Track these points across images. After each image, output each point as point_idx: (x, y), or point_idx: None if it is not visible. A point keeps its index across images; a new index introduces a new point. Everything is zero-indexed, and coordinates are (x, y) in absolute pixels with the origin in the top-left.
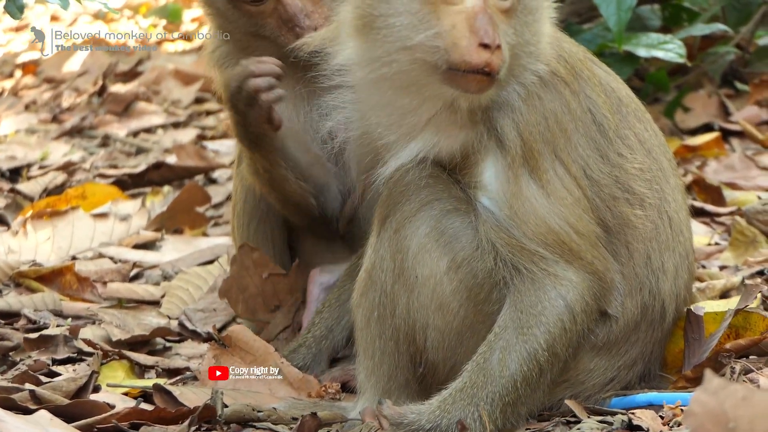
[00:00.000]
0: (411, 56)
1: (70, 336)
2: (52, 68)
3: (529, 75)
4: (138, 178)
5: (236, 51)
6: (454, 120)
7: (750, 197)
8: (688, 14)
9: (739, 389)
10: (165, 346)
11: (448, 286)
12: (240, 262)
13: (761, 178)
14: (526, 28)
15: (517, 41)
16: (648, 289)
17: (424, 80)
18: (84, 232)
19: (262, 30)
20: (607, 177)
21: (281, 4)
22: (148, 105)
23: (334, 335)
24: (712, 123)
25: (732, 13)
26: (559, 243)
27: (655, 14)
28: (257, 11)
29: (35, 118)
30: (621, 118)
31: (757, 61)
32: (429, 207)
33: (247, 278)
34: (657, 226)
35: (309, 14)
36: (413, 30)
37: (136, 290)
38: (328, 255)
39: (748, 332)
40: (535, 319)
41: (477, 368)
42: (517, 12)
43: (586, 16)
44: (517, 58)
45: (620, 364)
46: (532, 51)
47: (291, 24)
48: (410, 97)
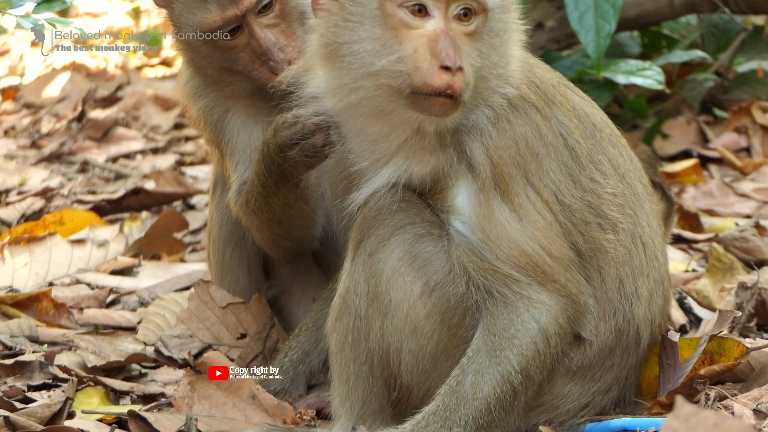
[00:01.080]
0: (376, 82)
1: (45, 362)
2: (32, 94)
3: (497, 98)
4: (116, 204)
5: (208, 84)
6: (424, 145)
7: (728, 224)
8: (667, 41)
9: (710, 416)
10: (141, 372)
11: (421, 309)
12: (198, 298)
13: (739, 204)
14: (492, 51)
15: (482, 63)
16: (622, 314)
17: (391, 106)
18: (61, 258)
19: (235, 65)
20: (579, 202)
21: (254, 39)
22: (128, 131)
23: (311, 359)
24: (690, 150)
25: (711, 40)
26: (533, 266)
27: (634, 41)
28: (230, 45)
29: (14, 144)
30: (594, 143)
31: (736, 88)
32: (402, 231)
33: (206, 311)
34: (630, 251)
35: (282, 48)
36: (376, 56)
37: (112, 316)
38: (305, 280)
39: (723, 358)
40: (509, 342)
41: (450, 391)
42: (483, 34)
43: (565, 43)
44: (483, 81)
45: (595, 389)
46: (500, 73)
47: (264, 58)
48: (380, 123)
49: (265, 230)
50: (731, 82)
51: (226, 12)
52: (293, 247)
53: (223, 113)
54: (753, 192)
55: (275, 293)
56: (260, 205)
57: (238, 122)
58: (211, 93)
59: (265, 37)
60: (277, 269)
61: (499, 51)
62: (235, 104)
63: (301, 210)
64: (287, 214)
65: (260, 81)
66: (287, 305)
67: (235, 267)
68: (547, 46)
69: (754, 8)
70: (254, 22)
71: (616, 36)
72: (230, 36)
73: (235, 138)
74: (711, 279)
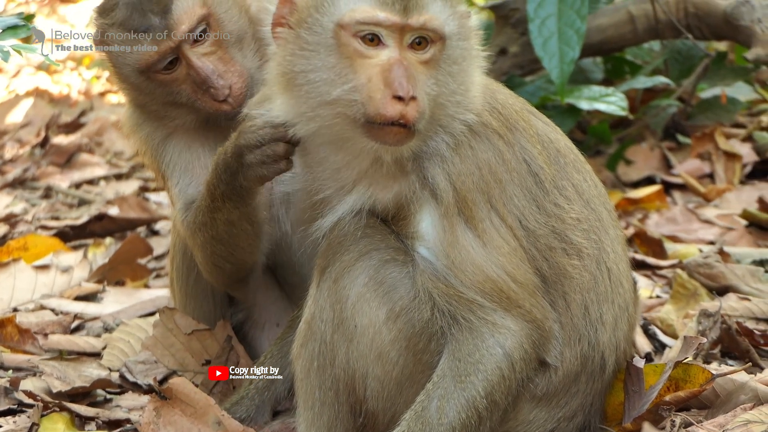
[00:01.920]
0: (332, 111)
1: (10, 387)
2: None
3: (457, 125)
4: (80, 230)
5: (152, 120)
6: (385, 172)
7: (691, 250)
8: (630, 67)
9: None
10: (106, 397)
11: (387, 335)
12: (163, 325)
13: (703, 231)
14: (450, 78)
15: (440, 91)
16: (587, 341)
17: (348, 134)
18: (25, 283)
19: (179, 97)
20: (544, 227)
21: (193, 69)
22: (91, 156)
23: (276, 386)
24: (654, 176)
25: (674, 66)
26: (497, 291)
27: (598, 67)
28: (170, 79)
29: None
30: (558, 169)
31: (699, 114)
32: (367, 257)
33: (171, 337)
34: (595, 277)
35: (221, 74)
36: (332, 85)
37: (77, 342)
38: (269, 306)
39: (688, 384)
40: (473, 367)
41: (415, 416)
42: (440, 62)
43: (528, 69)
44: (441, 108)
45: (560, 415)
46: (459, 101)
47: (205, 86)
48: (341, 152)
49: (207, 248)
50: (694, 108)
51: (160, 45)
52: (234, 272)
53: (164, 138)
54: (716, 218)
55: (240, 319)
56: (205, 220)
57: (180, 144)
58: (152, 122)
59: (203, 66)
60: (243, 294)
61: (458, 78)
62: (177, 131)
63: (244, 230)
64: (230, 233)
65: (205, 110)
66: (252, 331)
67: (199, 293)
68: (511, 72)
69: (717, 34)
70: (190, 52)
71: (579, 62)
72: (169, 69)
73: (176, 158)
74: (675, 305)
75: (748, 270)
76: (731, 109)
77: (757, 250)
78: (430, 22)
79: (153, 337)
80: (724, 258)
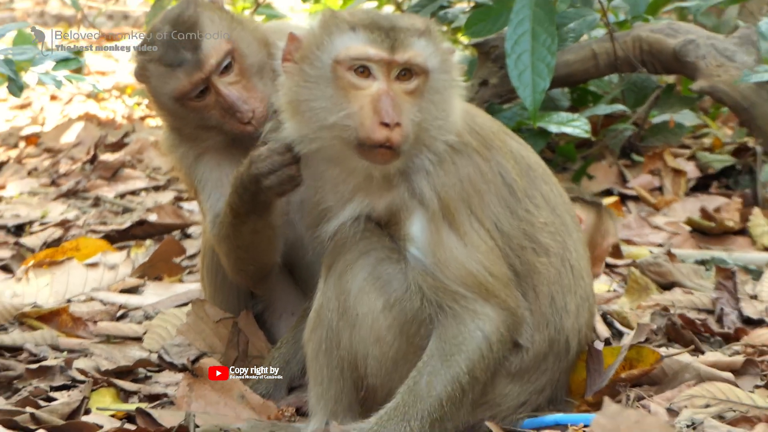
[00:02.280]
0: (330, 134)
1: (65, 366)
2: (51, 140)
3: (440, 144)
4: (124, 234)
5: (186, 141)
6: (377, 185)
7: (643, 251)
8: (592, 96)
9: (632, 414)
10: (146, 375)
11: (383, 322)
12: (195, 314)
13: (653, 235)
14: (432, 106)
15: (423, 117)
16: (553, 326)
17: (344, 154)
18: (78, 279)
19: (209, 121)
20: (516, 230)
21: (221, 96)
22: (133, 171)
23: (291, 367)
24: (612, 188)
25: (630, 96)
26: (477, 284)
27: (565, 96)
28: (201, 106)
29: (36, 183)
30: (529, 181)
31: (651, 137)
32: (366, 256)
33: (202, 324)
34: (560, 272)
35: (246, 100)
36: (329, 112)
37: (121, 328)
38: (285, 297)
39: (641, 364)
40: (457, 348)
41: (408, 390)
42: (424, 92)
43: (506, 98)
44: (425, 131)
45: (531, 389)
46: (440, 125)
47: (232, 111)
48: (338, 168)
49: (232, 256)
50: (647, 131)
51: (192, 77)
52: (255, 273)
53: (196, 157)
54: (665, 225)
55: (260, 309)
56: (228, 232)
57: (211, 162)
58: (186, 144)
59: (229, 93)
60: (263, 288)
61: (439, 106)
62: (208, 151)
63: (266, 236)
64: (253, 240)
65: (232, 132)
66: (270, 319)
67: (225, 288)
68: (491, 100)
69: (667, 69)
70: (218, 82)
71: (549, 92)
72: (200, 97)
73: (208, 175)
74: (629, 298)
75: (691, 268)
76: (678, 132)
77: (699, 251)
78: (414, 58)
79: (186, 324)
80: (671, 258)
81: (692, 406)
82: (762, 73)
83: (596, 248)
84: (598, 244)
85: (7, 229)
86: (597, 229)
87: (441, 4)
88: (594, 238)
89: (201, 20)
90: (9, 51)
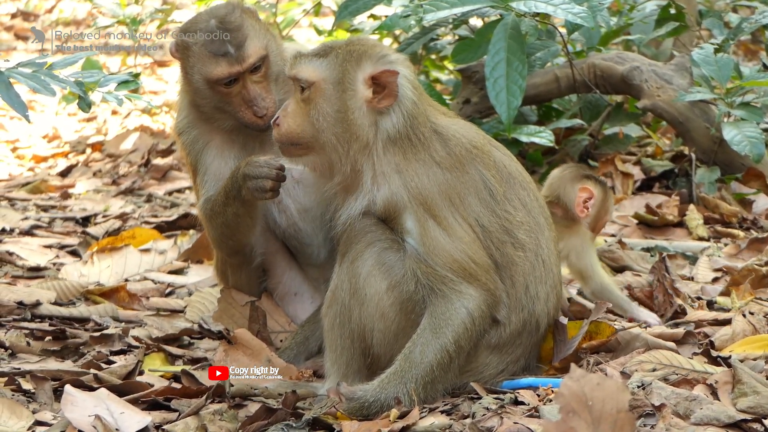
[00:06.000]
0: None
1: (122, 335)
2: (112, 147)
3: (426, 154)
4: (172, 225)
5: (200, 121)
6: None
7: (599, 241)
8: (556, 112)
9: (594, 377)
10: (190, 342)
11: (387, 301)
12: (224, 300)
13: (607, 227)
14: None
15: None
16: (527, 310)
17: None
18: (133, 262)
19: (227, 106)
20: (496, 226)
21: (246, 89)
22: (179, 173)
23: (309, 343)
24: None
25: (587, 112)
26: (462, 269)
27: (533, 112)
28: (227, 92)
29: (100, 182)
30: (509, 187)
31: (604, 146)
32: (373, 246)
33: (231, 309)
34: (534, 265)
35: (264, 98)
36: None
37: (169, 303)
38: (288, 279)
39: (599, 336)
40: (445, 323)
41: (404, 358)
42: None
43: (485, 113)
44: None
45: (509, 359)
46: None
47: (251, 104)
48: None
49: (218, 230)
50: (600, 141)
51: (232, 68)
52: (234, 247)
53: (204, 144)
54: (616, 218)
55: (269, 291)
56: (218, 210)
57: (214, 151)
58: (198, 127)
59: (253, 89)
60: (270, 273)
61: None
62: (215, 138)
63: (245, 221)
64: (235, 221)
65: (243, 120)
66: (277, 299)
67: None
68: (473, 116)
69: (616, 90)
70: (248, 78)
71: (520, 109)
72: (228, 85)
73: (210, 163)
74: None
75: (639, 255)
76: (626, 142)
77: (645, 241)
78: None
79: (218, 311)
80: (622, 246)
81: (642, 370)
82: (694, 93)
83: (599, 221)
84: (601, 218)
85: (75, 221)
86: (602, 205)
87: (431, 36)
88: (599, 212)
89: (246, 24)
90: (79, 74)
